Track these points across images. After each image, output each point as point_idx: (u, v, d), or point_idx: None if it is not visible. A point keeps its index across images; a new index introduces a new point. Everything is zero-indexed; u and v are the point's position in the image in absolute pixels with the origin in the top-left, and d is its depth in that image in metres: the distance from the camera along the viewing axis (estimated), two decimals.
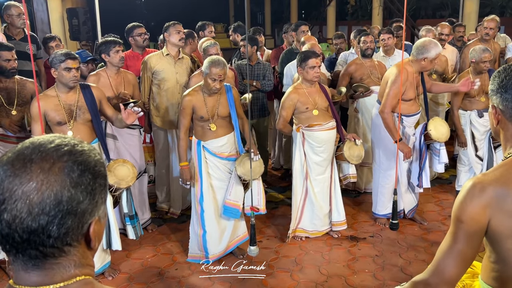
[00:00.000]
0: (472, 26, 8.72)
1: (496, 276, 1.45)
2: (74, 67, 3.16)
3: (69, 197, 0.82)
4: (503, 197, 1.33)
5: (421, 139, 3.95)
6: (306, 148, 3.83)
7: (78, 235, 0.86)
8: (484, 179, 1.38)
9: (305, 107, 3.76)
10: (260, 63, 4.90)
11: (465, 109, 4.30)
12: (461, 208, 1.39)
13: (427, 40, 3.81)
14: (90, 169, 0.86)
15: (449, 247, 1.40)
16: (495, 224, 1.35)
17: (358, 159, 3.84)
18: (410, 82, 3.79)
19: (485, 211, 1.34)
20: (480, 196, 1.35)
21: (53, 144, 0.85)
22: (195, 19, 6.40)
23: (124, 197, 3.40)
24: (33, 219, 0.79)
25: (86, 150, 0.88)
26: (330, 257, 3.69)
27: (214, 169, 3.52)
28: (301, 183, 3.88)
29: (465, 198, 1.38)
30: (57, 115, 3.22)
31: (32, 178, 0.80)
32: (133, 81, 4.04)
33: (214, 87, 3.36)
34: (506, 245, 1.37)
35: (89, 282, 0.88)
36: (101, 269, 3.41)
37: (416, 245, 3.83)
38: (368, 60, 4.67)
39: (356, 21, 15.85)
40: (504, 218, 1.34)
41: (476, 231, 1.37)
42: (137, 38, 4.55)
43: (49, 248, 0.83)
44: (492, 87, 1.45)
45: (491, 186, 1.35)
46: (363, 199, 4.81)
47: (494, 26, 5.17)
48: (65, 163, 0.83)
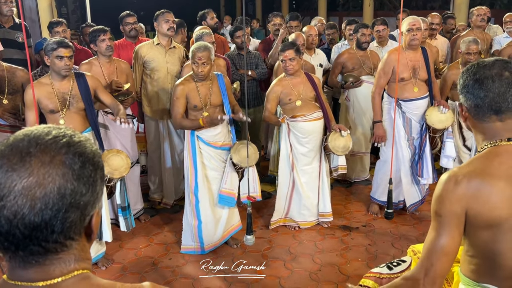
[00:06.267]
0: (462, 17, 8.76)
1: (473, 269, 1.49)
2: (66, 56, 3.12)
3: (72, 190, 0.80)
4: (477, 189, 1.37)
5: (423, 126, 3.96)
6: (292, 138, 3.83)
7: (81, 228, 0.85)
8: (458, 172, 1.41)
9: (288, 98, 3.75)
10: (251, 52, 4.88)
11: (453, 99, 4.34)
12: (438, 202, 1.43)
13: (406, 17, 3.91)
14: (90, 160, 0.84)
15: (432, 243, 1.43)
16: (471, 216, 1.38)
17: (344, 150, 3.79)
18: (402, 63, 3.81)
19: (461, 203, 1.38)
20: (455, 189, 1.39)
21: (50, 136, 0.82)
22: (186, 8, 6.33)
23: (117, 187, 3.38)
24: (35, 215, 0.77)
25: (83, 140, 0.86)
26: (323, 246, 3.71)
27: (209, 159, 3.52)
28: (287, 174, 3.89)
29: (441, 192, 1.42)
30: (50, 103, 3.18)
31: (33, 173, 0.78)
32: (127, 70, 4.00)
33: (197, 71, 3.35)
34: (482, 237, 1.40)
35: (87, 277, 0.87)
36: (94, 259, 3.40)
37: (408, 234, 3.86)
38: (362, 51, 4.68)
39: (347, 12, 15.83)
40: (479, 209, 1.37)
41: (456, 223, 1.40)
42: (125, 28, 4.54)
43: (52, 244, 0.81)
44: (458, 87, 1.50)
45: (466, 178, 1.38)
46: (356, 189, 4.84)
47: (484, 13, 5.24)
48: (65, 155, 0.81)
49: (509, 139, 1.41)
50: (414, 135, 3.97)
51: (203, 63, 3.33)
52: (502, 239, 1.38)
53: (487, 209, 1.36)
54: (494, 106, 1.40)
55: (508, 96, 1.39)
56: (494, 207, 1.36)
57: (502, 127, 1.42)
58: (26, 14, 7.66)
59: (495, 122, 1.42)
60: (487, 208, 1.36)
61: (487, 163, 1.40)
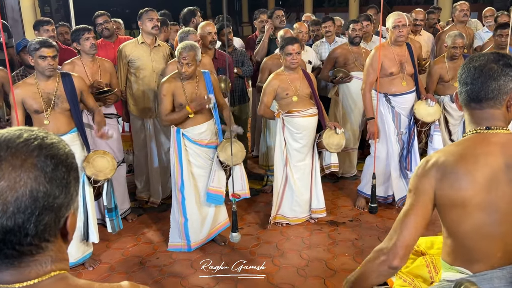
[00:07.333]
0: (447, 12, 8.83)
1: (448, 252, 1.57)
2: (49, 55, 3.10)
3: (44, 192, 0.79)
4: (446, 170, 1.46)
5: (411, 120, 4.00)
6: (286, 134, 3.86)
7: (56, 230, 0.84)
8: (434, 155, 1.54)
9: (285, 93, 3.77)
10: (236, 49, 4.87)
11: (438, 93, 4.38)
12: (413, 180, 1.56)
13: (390, 14, 3.95)
14: (63, 162, 0.84)
15: (403, 216, 1.53)
16: (438, 195, 1.48)
17: (338, 148, 3.85)
18: (389, 58, 3.88)
19: (431, 182, 1.49)
20: (428, 170, 1.50)
21: (21, 139, 0.81)
22: (172, 5, 6.29)
23: (104, 189, 3.37)
24: (8, 219, 0.77)
25: (55, 142, 0.85)
26: (311, 241, 3.74)
27: (195, 157, 3.52)
28: (281, 169, 3.91)
29: (416, 171, 1.56)
30: (34, 103, 3.16)
31: (4, 177, 0.77)
32: (110, 69, 3.97)
33: (181, 71, 3.35)
34: (450, 215, 1.49)
35: (64, 277, 0.87)
36: (81, 259, 3.38)
37: None
38: (356, 47, 4.71)
39: (333, 8, 15.88)
40: (446, 189, 1.46)
41: (424, 200, 1.50)
42: (97, 28, 4.51)
43: (27, 246, 0.81)
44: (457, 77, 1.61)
45: (438, 160, 1.49)
46: (343, 185, 4.87)
47: (467, 8, 5.32)
48: (37, 158, 0.80)
49: (487, 128, 1.50)
50: (402, 129, 4.02)
51: (187, 63, 3.32)
52: (466, 220, 1.45)
53: (453, 189, 1.45)
54: (473, 95, 1.51)
55: (486, 87, 1.48)
56: (459, 188, 1.44)
57: (482, 116, 1.52)
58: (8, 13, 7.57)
59: (475, 110, 1.53)
60: (454, 188, 1.45)
61: (462, 147, 1.51)
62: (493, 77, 1.47)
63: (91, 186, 3.29)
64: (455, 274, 1.53)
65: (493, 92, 1.47)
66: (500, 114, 1.50)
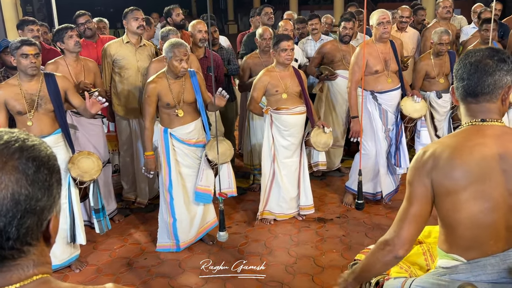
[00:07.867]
0: (430, 9, 8.91)
1: (443, 240, 1.61)
2: (31, 53, 3.05)
3: (26, 195, 0.78)
4: (443, 161, 1.50)
5: (398, 116, 4.04)
6: (274, 131, 3.86)
7: (38, 233, 0.83)
8: (430, 146, 1.59)
9: (275, 89, 3.78)
10: (223, 48, 4.86)
11: (424, 90, 4.43)
12: (410, 172, 1.60)
13: (374, 11, 3.99)
14: (45, 164, 0.82)
15: (404, 209, 1.58)
16: (434, 185, 1.52)
17: (325, 147, 3.88)
18: (374, 56, 3.91)
19: (427, 173, 1.53)
20: (424, 161, 1.55)
21: (1, 141, 0.80)
22: (158, 4, 6.24)
23: (91, 190, 3.33)
24: None
25: (37, 144, 0.84)
26: (299, 239, 3.75)
27: (183, 156, 3.50)
28: (268, 165, 3.91)
29: (412, 163, 1.60)
30: (17, 104, 3.11)
31: None
32: (94, 69, 3.93)
33: (181, 69, 3.31)
34: (446, 204, 1.52)
35: (47, 281, 0.85)
36: (67, 262, 3.34)
37: (381, 223, 3.93)
38: (345, 45, 4.72)
39: (318, 5, 15.92)
40: (441, 179, 1.50)
41: (423, 191, 1.54)
42: (79, 29, 4.46)
43: (8, 250, 0.79)
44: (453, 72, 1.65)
45: (435, 151, 1.53)
46: (330, 182, 4.89)
47: (450, 5, 5.38)
48: (18, 160, 0.79)
49: (482, 120, 1.55)
50: (390, 126, 4.04)
51: (187, 59, 3.32)
52: (461, 209, 1.49)
53: (448, 179, 1.49)
54: (469, 90, 1.55)
55: (482, 82, 1.52)
56: (454, 178, 1.49)
57: (477, 109, 1.56)
58: None
59: (471, 104, 1.57)
60: (449, 178, 1.49)
61: (458, 138, 1.56)
62: (488, 72, 1.51)
63: (77, 188, 3.25)
64: (450, 261, 1.57)
65: (489, 87, 1.52)
66: (495, 108, 1.56)
